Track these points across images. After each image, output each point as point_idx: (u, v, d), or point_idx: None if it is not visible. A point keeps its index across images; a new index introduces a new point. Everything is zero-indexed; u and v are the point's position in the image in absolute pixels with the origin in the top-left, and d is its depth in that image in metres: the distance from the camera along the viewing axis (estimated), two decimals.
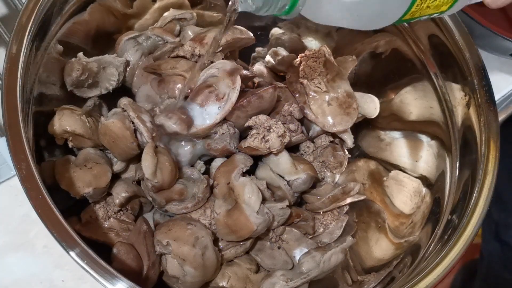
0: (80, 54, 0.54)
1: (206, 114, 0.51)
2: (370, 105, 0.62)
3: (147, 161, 0.49)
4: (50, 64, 0.51)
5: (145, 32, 0.61)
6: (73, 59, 0.54)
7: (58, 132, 0.51)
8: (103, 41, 0.60)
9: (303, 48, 0.68)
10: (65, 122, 0.51)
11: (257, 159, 0.56)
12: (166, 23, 0.63)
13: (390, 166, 0.64)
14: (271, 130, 0.52)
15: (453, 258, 0.44)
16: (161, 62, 0.58)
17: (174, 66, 0.56)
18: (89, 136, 0.53)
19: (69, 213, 0.53)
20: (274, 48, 0.66)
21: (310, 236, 0.59)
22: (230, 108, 0.50)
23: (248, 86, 0.58)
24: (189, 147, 0.55)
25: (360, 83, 0.67)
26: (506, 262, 0.91)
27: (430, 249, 0.49)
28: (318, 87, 0.57)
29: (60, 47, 0.53)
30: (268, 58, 0.65)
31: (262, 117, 0.53)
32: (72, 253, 0.38)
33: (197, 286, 0.50)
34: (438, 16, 0.40)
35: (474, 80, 0.53)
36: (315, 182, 0.61)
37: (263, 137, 0.52)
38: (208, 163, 0.58)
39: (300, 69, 0.58)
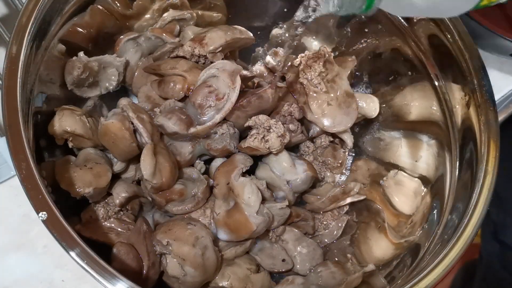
0: (81, 53, 0.54)
1: (206, 114, 0.51)
2: (370, 105, 0.62)
3: (146, 162, 0.49)
4: (50, 64, 0.51)
5: (144, 32, 0.61)
6: (74, 57, 0.54)
7: (58, 133, 0.51)
8: (103, 42, 0.60)
9: (303, 49, 0.68)
10: (65, 122, 0.51)
11: (257, 159, 0.56)
12: (165, 23, 0.63)
13: (390, 166, 0.64)
14: (271, 130, 0.52)
15: (453, 258, 0.44)
16: (161, 62, 0.58)
17: (174, 66, 0.56)
18: (89, 136, 0.53)
19: (69, 213, 0.53)
20: (274, 48, 0.66)
21: (310, 236, 0.59)
22: (230, 108, 0.50)
23: (248, 86, 0.58)
24: (189, 147, 0.55)
25: (360, 83, 0.67)
26: (504, 262, 0.91)
27: (430, 249, 0.49)
28: (318, 87, 0.57)
29: (61, 47, 0.53)
30: (268, 58, 0.65)
31: (262, 117, 0.53)
32: (72, 253, 0.38)
33: (197, 286, 0.50)
34: None
35: (474, 80, 0.53)
36: (315, 182, 0.61)
37: (263, 137, 0.52)
38: (208, 163, 0.58)
39: (300, 69, 0.58)
